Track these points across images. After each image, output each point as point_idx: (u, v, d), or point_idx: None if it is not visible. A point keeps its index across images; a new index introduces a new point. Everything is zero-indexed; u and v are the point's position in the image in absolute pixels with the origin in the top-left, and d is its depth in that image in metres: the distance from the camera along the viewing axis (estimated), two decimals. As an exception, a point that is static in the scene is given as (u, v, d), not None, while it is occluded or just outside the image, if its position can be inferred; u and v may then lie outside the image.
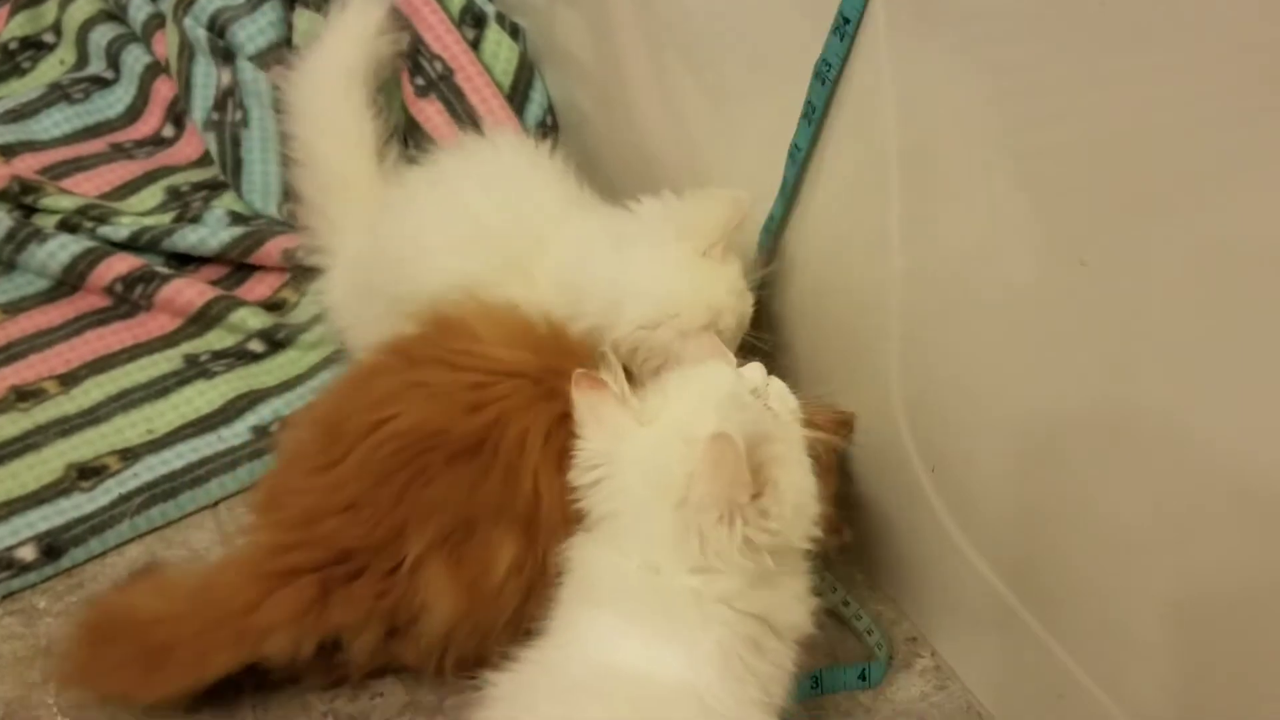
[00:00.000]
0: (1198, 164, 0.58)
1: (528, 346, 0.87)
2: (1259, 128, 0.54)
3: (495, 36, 1.28)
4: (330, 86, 1.15)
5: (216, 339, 1.19)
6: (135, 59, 1.43)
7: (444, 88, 1.26)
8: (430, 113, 1.26)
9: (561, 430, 0.80)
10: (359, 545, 0.82)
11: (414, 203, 1.04)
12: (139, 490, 1.04)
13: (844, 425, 0.88)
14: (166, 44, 1.38)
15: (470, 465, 0.82)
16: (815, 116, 0.85)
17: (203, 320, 1.20)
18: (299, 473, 0.87)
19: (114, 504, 1.03)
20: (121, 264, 1.21)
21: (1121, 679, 0.77)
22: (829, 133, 0.86)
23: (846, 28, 0.77)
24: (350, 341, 1.12)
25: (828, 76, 0.81)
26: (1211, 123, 0.56)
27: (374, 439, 0.83)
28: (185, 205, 1.32)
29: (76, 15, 1.48)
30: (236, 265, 1.27)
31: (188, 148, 1.39)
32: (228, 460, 1.07)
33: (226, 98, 1.32)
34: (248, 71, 1.29)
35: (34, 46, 1.51)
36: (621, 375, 0.74)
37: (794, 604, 0.72)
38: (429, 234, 0.99)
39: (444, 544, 0.82)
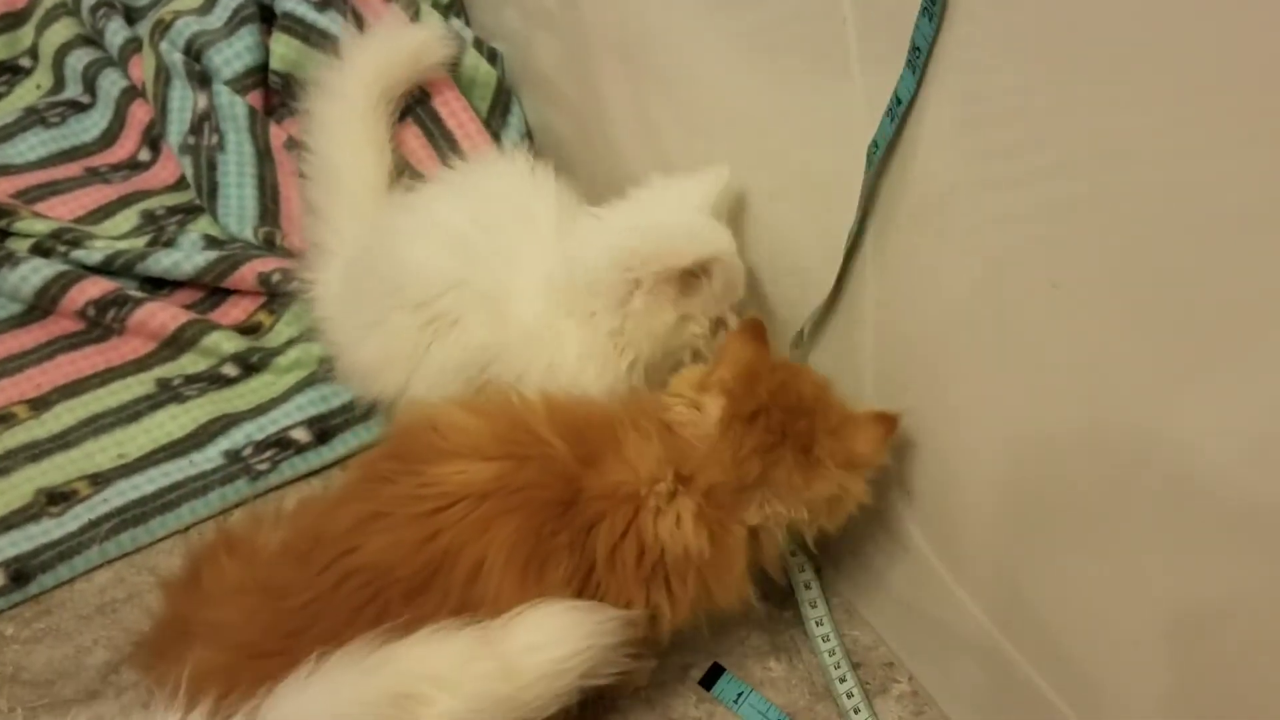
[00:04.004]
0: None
1: (492, 451, 0.82)
2: (1230, 156, 0.54)
3: (473, 61, 1.29)
4: (362, 104, 1.16)
5: (190, 363, 1.18)
6: (112, 83, 1.42)
7: (421, 112, 1.26)
8: (407, 137, 1.25)
9: (530, 542, 0.78)
10: None
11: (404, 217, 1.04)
12: (109, 515, 1.03)
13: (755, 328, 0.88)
14: (143, 68, 1.38)
15: (425, 602, 0.78)
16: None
17: (176, 344, 1.19)
18: (263, 598, 0.81)
19: (83, 529, 1.02)
20: (94, 288, 1.20)
21: (1103, 708, 0.76)
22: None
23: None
24: (338, 358, 1.09)
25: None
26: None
27: (337, 570, 0.79)
28: (160, 229, 1.31)
29: (53, 39, 1.48)
30: (211, 289, 1.26)
31: (163, 171, 1.39)
32: (199, 485, 1.06)
33: (203, 122, 1.31)
34: (224, 95, 1.29)
35: (10, 71, 1.51)
36: None
37: None
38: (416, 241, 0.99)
39: None
